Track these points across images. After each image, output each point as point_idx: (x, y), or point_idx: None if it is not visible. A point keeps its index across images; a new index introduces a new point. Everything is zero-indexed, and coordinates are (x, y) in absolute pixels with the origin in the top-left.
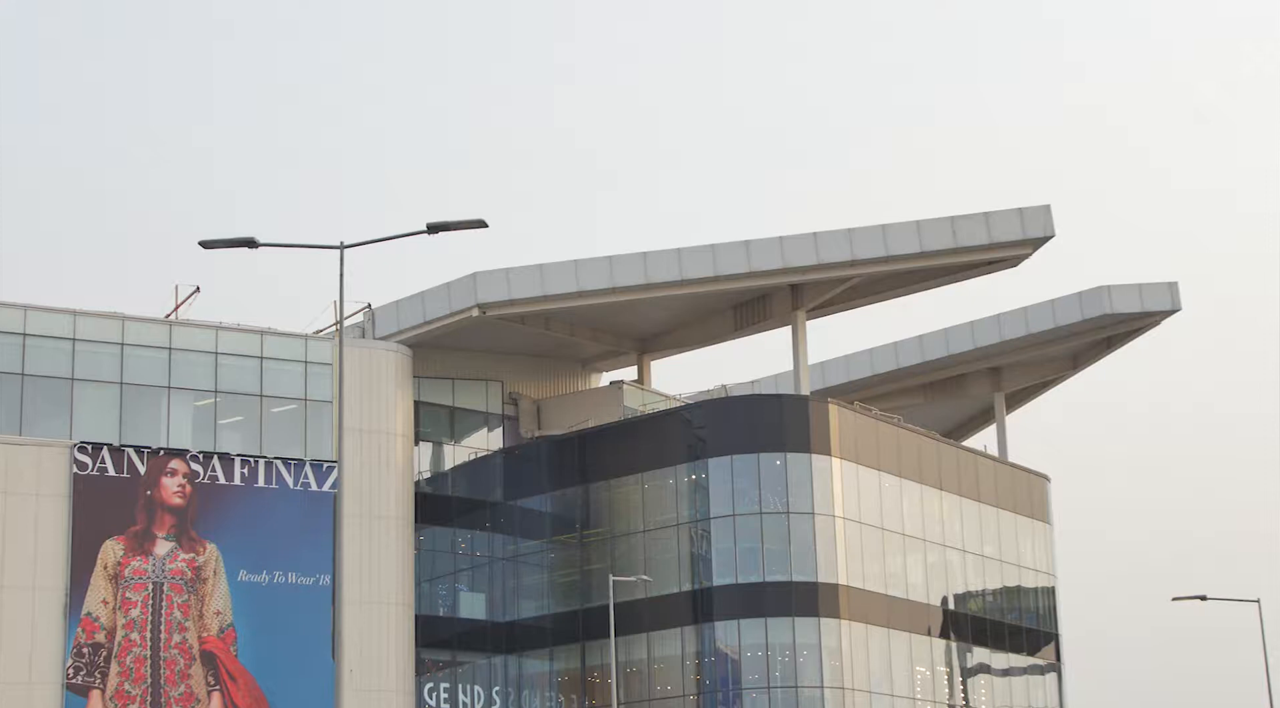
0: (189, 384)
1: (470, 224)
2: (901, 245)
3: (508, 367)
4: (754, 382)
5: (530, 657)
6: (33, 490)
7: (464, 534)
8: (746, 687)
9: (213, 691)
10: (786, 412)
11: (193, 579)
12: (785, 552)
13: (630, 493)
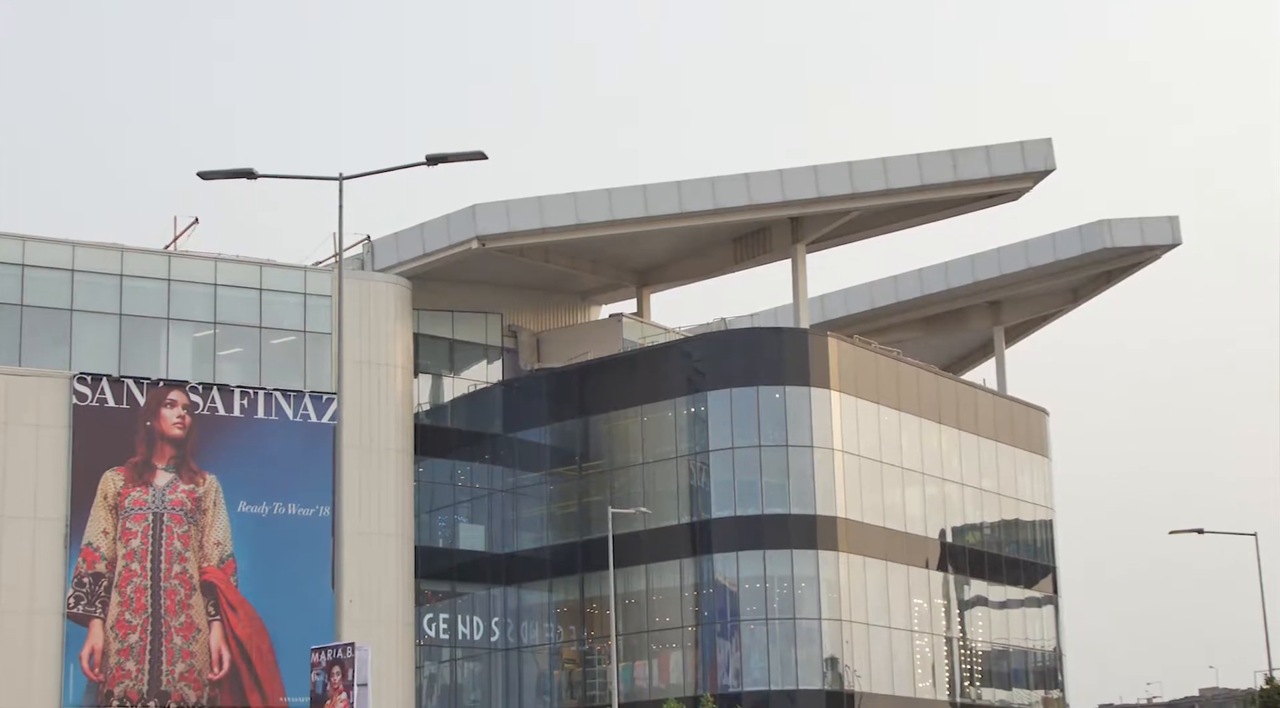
0: (188, 316)
1: (469, 156)
2: (902, 179)
3: (507, 299)
4: (753, 315)
5: (529, 588)
6: (33, 421)
7: (463, 466)
8: (744, 619)
9: (213, 620)
10: (786, 345)
11: (192, 510)
12: (784, 485)
13: (629, 426)
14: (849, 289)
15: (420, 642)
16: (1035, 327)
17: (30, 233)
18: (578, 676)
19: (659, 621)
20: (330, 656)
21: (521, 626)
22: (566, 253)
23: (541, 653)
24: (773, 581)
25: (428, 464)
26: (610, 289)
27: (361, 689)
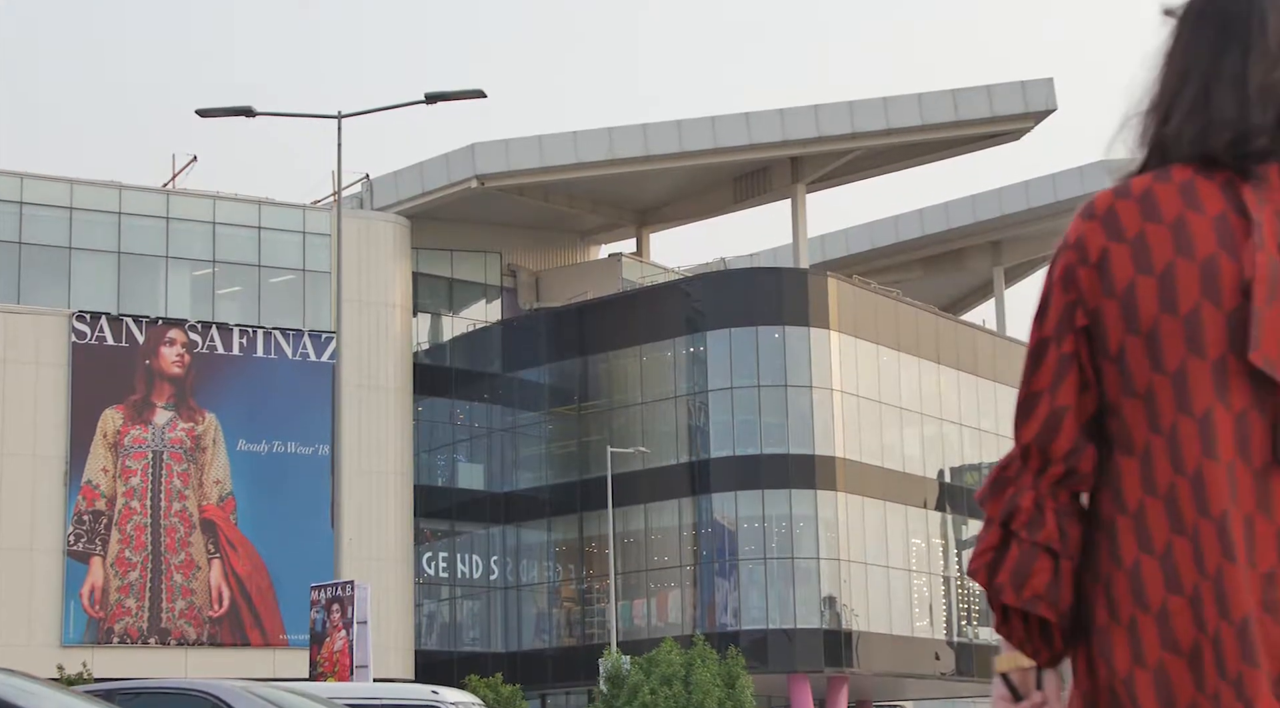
0: (187, 254)
1: (469, 94)
2: (902, 118)
3: (506, 238)
4: (753, 255)
5: (528, 527)
6: (32, 359)
7: (462, 405)
8: (743, 558)
9: (213, 558)
10: (785, 285)
11: (192, 448)
12: (783, 425)
13: (628, 365)
14: (849, 229)
15: (419, 580)
16: (1036, 267)
17: (28, 170)
18: (576, 614)
19: (657, 560)
20: (330, 593)
21: (520, 564)
22: (566, 192)
23: (540, 592)
24: (771, 520)
25: (427, 403)
26: (610, 229)
27: (361, 627)
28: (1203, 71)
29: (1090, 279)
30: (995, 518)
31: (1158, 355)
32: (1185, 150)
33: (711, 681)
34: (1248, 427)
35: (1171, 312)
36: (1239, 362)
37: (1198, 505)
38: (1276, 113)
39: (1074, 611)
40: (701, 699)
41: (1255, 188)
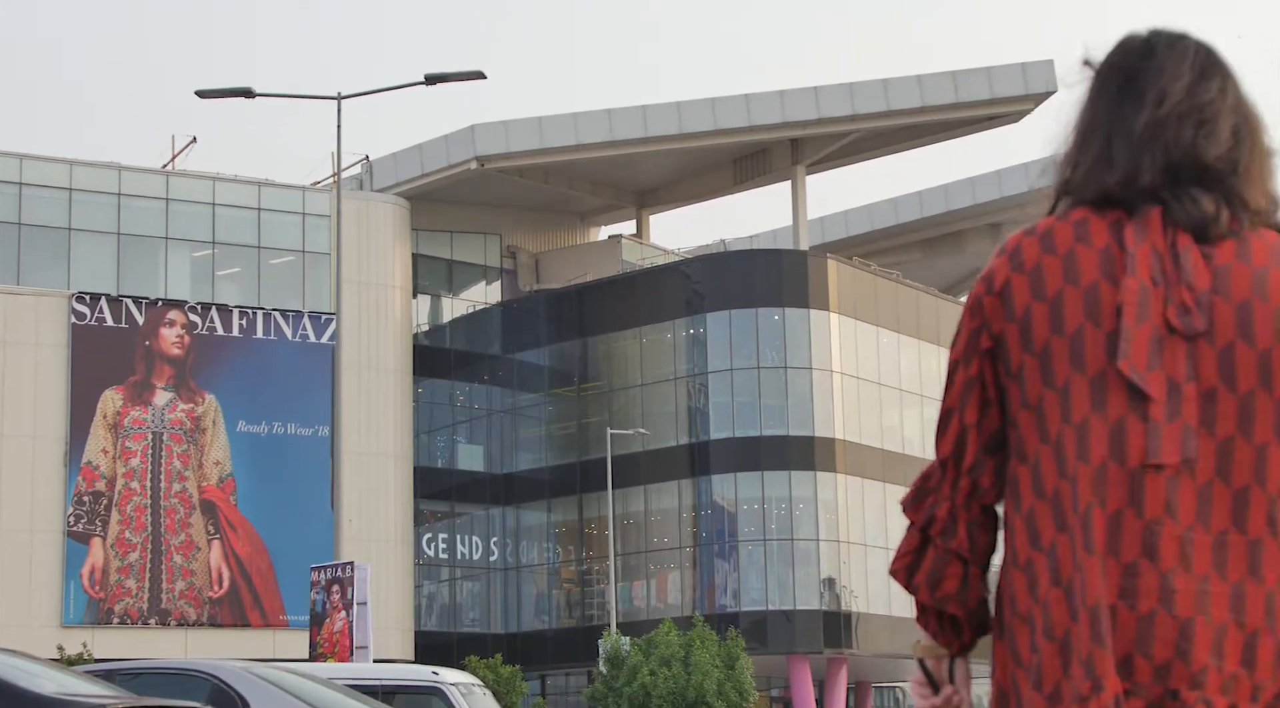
0: (186, 235)
1: (468, 75)
2: (902, 100)
3: (506, 220)
4: (752, 237)
5: (528, 508)
6: (31, 340)
7: (462, 387)
8: (742, 539)
9: (213, 539)
10: (785, 267)
11: (192, 429)
12: (782, 406)
13: (628, 347)
14: (849, 211)
15: (419, 561)
16: None
17: (28, 151)
18: (576, 595)
19: (657, 541)
20: (330, 574)
21: (520, 546)
22: (566, 173)
23: (540, 573)
24: (770, 502)
25: (426, 385)
26: (609, 210)
27: (361, 608)
28: (1106, 124)
29: (993, 306)
30: (916, 524)
31: (1048, 372)
32: (1086, 193)
33: (711, 662)
34: (1123, 433)
35: (1059, 333)
36: (1115, 375)
37: (1073, 505)
38: (1165, 162)
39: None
40: (701, 680)
41: (1137, 226)
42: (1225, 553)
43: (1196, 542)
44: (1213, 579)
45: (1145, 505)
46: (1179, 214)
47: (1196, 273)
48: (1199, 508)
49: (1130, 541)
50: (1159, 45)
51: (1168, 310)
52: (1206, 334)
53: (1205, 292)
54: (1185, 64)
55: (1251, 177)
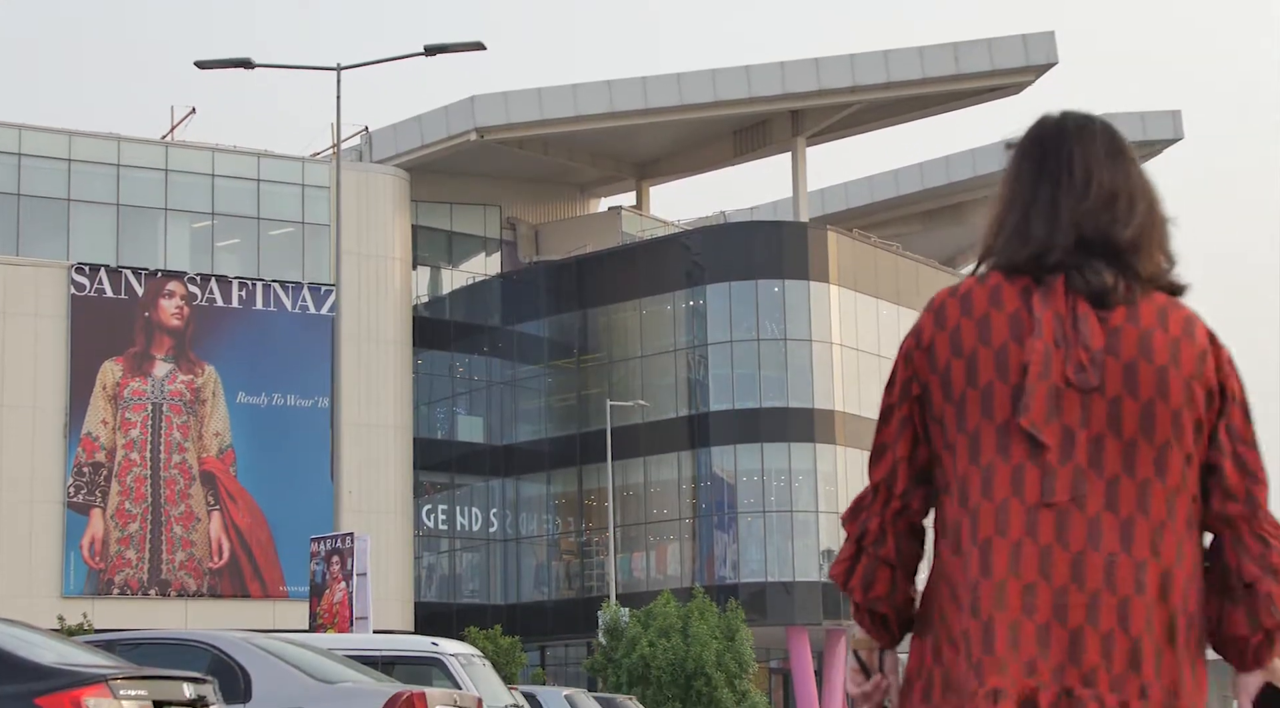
0: (186, 206)
1: (468, 46)
2: (903, 71)
3: (506, 191)
4: (752, 208)
5: (527, 480)
6: (31, 311)
7: (462, 358)
8: (742, 511)
9: (212, 510)
10: (785, 238)
11: (191, 401)
12: (782, 378)
13: (628, 318)
14: (849, 183)
15: (419, 533)
16: None
17: (27, 121)
18: (575, 567)
19: (656, 513)
20: (329, 545)
21: (520, 517)
22: (566, 145)
23: (539, 544)
24: (770, 473)
25: (426, 356)
26: (609, 182)
27: (361, 579)
28: (1024, 200)
29: (922, 359)
30: (852, 536)
31: (962, 419)
32: (1002, 261)
33: (710, 633)
34: (1022, 475)
35: (973, 386)
36: (1017, 426)
37: (971, 534)
38: (1076, 239)
39: (912, 607)
40: (700, 652)
41: (1043, 294)
42: (1114, 571)
43: (1088, 563)
44: (1103, 594)
45: (1040, 536)
46: (1079, 284)
47: (1092, 335)
48: (1089, 535)
49: (1028, 565)
50: (1069, 129)
51: (1067, 368)
52: (1099, 388)
53: (1099, 352)
54: (1095, 147)
55: (1150, 249)
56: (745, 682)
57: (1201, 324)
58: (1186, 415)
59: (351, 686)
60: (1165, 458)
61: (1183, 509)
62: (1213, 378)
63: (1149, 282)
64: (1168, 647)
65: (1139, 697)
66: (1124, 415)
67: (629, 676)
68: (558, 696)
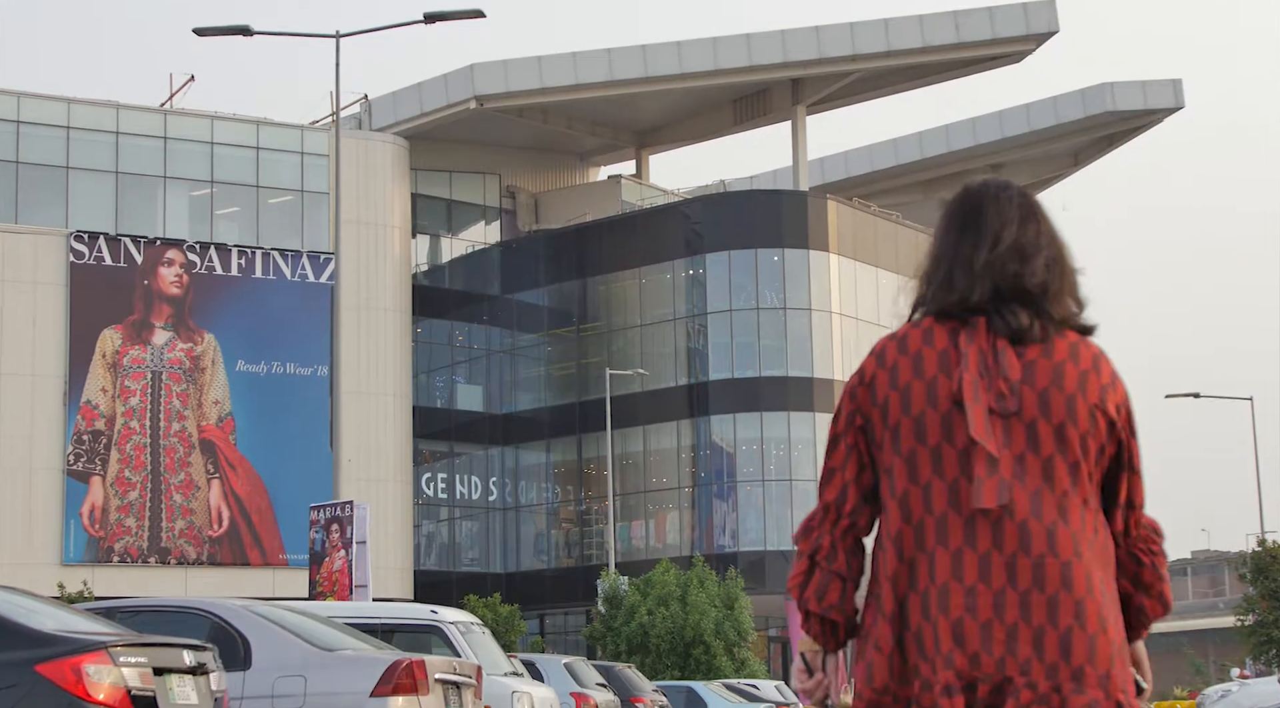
0: (185, 174)
1: (467, 14)
2: (903, 40)
3: (505, 160)
4: (752, 177)
5: (527, 448)
6: (30, 278)
7: (461, 327)
8: (741, 480)
9: (212, 478)
10: (785, 207)
11: (191, 369)
12: (781, 347)
13: (627, 287)
14: (849, 152)
15: (418, 501)
16: (1036, 190)
17: (25, 88)
18: (575, 535)
19: (655, 481)
20: (329, 514)
21: (519, 485)
22: (565, 113)
23: (539, 513)
24: (769, 442)
25: (425, 325)
26: (609, 150)
27: (360, 547)
28: (949, 255)
29: (864, 395)
30: (804, 552)
31: (899, 444)
32: (932, 308)
33: (709, 601)
34: (957, 490)
35: (908, 414)
36: (949, 447)
37: (916, 544)
38: (992, 288)
39: (857, 614)
40: (698, 620)
41: (968, 333)
42: (1043, 572)
43: (1020, 566)
44: (1033, 593)
45: (978, 544)
46: (999, 325)
47: (1010, 368)
48: (1020, 541)
49: (970, 569)
50: (988, 194)
51: (989, 397)
52: (1017, 413)
53: (1017, 382)
54: (1010, 210)
55: (1060, 295)
56: (744, 650)
57: (1106, 361)
58: (1091, 439)
59: (351, 653)
60: (1077, 473)
61: (1092, 520)
62: (1112, 410)
63: (1061, 323)
64: (1100, 635)
65: (1071, 680)
66: (1040, 436)
67: (628, 644)
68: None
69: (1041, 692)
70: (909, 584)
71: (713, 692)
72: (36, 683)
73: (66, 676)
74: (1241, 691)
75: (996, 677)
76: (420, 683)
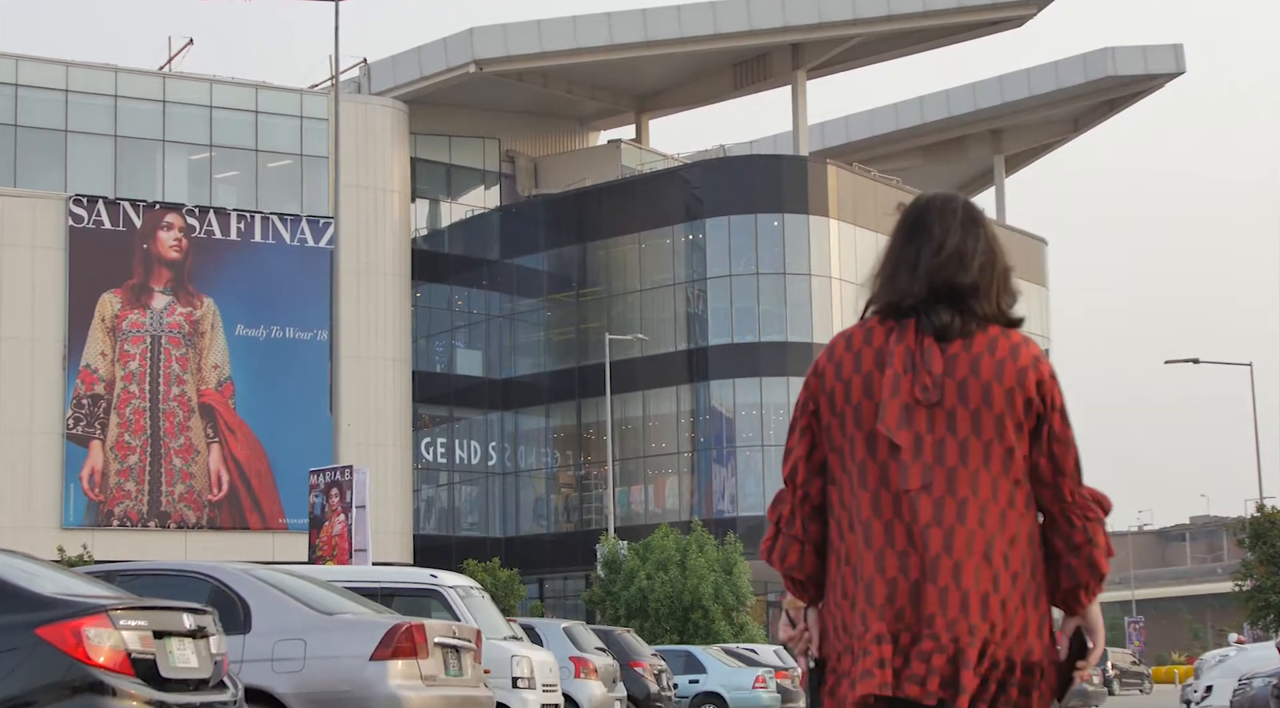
0: (184, 138)
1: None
2: (904, 4)
3: (505, 124)
4: (752, 142)
5: (526, 413)
6: (28, 242)
7: (460, 292)
8: (740, 445)
9: (212, 442)
10: (784, 172)
11: (190, 333)
12: (781, 312)
13: (627, 252)
14: (849, 117)
15: (418, 465)
16: (1036, 156)
17: (24, 52)
18: (574, 500)
19: (655, 447)
20: (328, 478)
21: (518, 450)
22: (565, 77)
23: (538, 478)
24: (769, 408)
25: (425, 289)
26: (609, 115)
27: (359, 511)
28: (895, 259)
29: (815, 384)
30: (772, 520)
31: (842, 429)
32: (880, 306)
33: (708, 566)
34: (887, 471)
35: (849, 403)
36: (880, 434)
37: (857, 516)
38: (928, 286)
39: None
40: (697, 584)
41: (897, 332)
42: (952, 540)
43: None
44: (943, 558)
45: (905, 515)
46: (925, 324)
47: (934, 363)
48: (935, 513)
49: (900, 537)
50: (935, 206)
51: (915, 389)
52: (939, 403)
53: (939, 375)
54: (954, 221)
55: (990, 293)
56: (743, 614)
57: (1028, 349)
58: (1008, 419)
59: (351, 617)
60: (991, 452)
61: (1006, 492)
62: (1033, 390)
63: (986, 319)
64: (993, 596)
65: (968, 634)
66: (958, 421)
67: (627, 608)
68: (556, 628)
69: (943, 643)
70: (849, 549)
71: (711, 656)
72: (37, 646)
73: (67, 639)
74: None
75: (914, 629)
76: (420, 647)
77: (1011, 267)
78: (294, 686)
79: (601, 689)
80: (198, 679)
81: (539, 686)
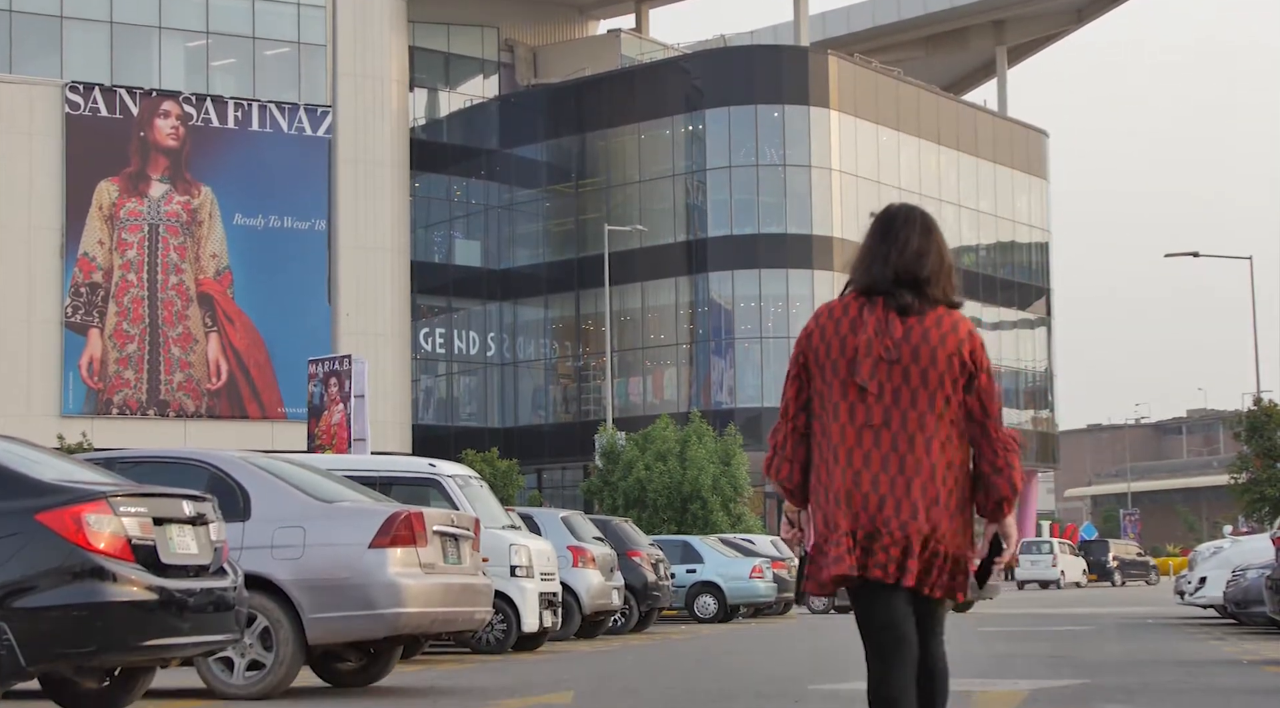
0: (180, 24)
1: None
2: None
3: (504, 12)
4: (752, 32)
5: (525, 304)
6: (25, 129)
7: (459, 182)
8: (739, 337)
9: (210, 331)
10: (785, 63)
11: (188, 222)
12: (780, 204)
13: (626, 143)
14: (850, 7)
15: (416, 356)
16: (1038, 47)
17: None
18: (572, 391)
19: (654, 338)
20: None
21: (517, 341)
22: None
23: (537, 368)
24: (767, 300)
25: (423, 179)
26: (609, 4)
27: (358, 401)
28: (870, 254)
29: (804, 341)
30: (771, 444)
31: (824, 377)
32: (858, 286)
33: (707, 457)
34: (855, 410)
35: (829, 358)
36: (852, 382)
37: (830, 446)
38: (894, 275)
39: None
40: (696, 475)
41: (869, 307)
42: (904, 464)
43: (890, 460)
44: (898, 478)
45: (865, 444)
46: (891, 302)
47: (895, 331)
48: (892, 443)
49: (859, 460)
50: (900, 215)
51: (881, 348)
52: (898, 360)
53: (899, 339)
54: (914, 228)
55: (938, 283)
56: (740, 505)
57: (964, 324)
58: (947, 376)
59: (350, 505)
60: (934, 399)
61: (944, 430)
62: (966, 355)
63: (935, 301)
64: (933, 505)
65: (916, 533)
66: (911, 375)
67: (625, 498)
68: (554, 518)
69: (896, 538)
70: (828, 469)
71: (709, 546)
72: (37, 532)
73: (67, 524)
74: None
75: (869, 528)
76: (418, 535)
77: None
78: (293, 573)
79: (599, 578)
80: (197, 566)
81: (537, 574)
